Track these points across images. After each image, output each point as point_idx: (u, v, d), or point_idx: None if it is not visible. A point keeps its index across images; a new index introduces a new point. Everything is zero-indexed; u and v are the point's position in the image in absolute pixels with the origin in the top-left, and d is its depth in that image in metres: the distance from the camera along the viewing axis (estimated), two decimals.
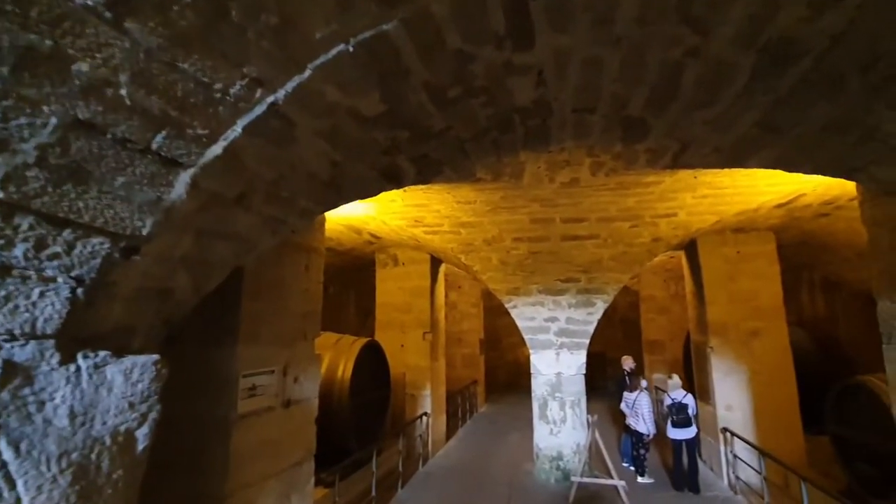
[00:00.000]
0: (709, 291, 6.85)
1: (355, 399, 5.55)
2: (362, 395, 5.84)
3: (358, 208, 5.31)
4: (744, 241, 6.83)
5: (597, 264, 6.08)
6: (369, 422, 5.99)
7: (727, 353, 6.69)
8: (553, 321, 6.59)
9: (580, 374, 6.65)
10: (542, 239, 5.87)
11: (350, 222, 6.20)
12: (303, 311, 3.93)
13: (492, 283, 6.54)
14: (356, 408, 5.57)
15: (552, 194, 4.87)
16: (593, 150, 3.68)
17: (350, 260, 8.67)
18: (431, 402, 7.77)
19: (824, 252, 7.05)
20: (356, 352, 5.61)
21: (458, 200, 5.12)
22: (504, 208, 5.31)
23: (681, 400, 6.34)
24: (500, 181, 4.36)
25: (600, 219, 5.42)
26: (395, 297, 8.14)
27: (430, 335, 7.92)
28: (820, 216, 5.71)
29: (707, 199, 4.93)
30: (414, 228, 5.88)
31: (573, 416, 6.55)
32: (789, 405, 6.38)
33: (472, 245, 6.11)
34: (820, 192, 4.83)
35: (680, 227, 5.42)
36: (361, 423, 5.73)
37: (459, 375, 12.26)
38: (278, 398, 3.52)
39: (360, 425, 5.66)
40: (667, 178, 4.42)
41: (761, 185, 4.54)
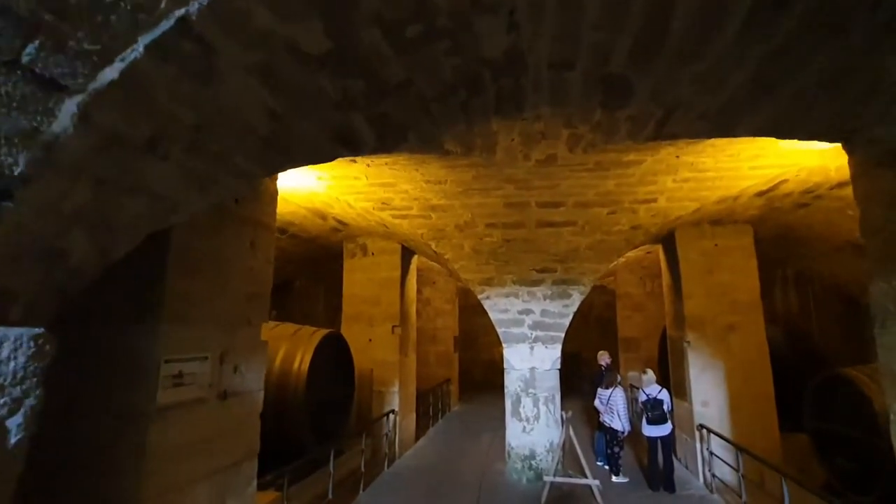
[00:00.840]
0: (686, 285, 6.67)
1: (313, 394, 5.12)
2: (322, 390, 5.41)
3: (317, 184, 4.89)
4: (722, 234, 6.68)
5: (573, 253, 5.81)
6: (330, 419, 5.56)
7: (704, 348, 6.52)
8: (527, 313, 6.30)
9: (555, 369, 6.37)
10: (517, 225, 5.56)
11: (313, 204, 5.77)
12: (247, 293, 3.50)
13: (464, 273, 6.20)
14: (314, 404, 5.14)
15: (527, 174, 4.56)
16: (571, 119, 3.38)
17: (317, 250, 8.21)
18: (400, 400, 7.37)
19: (800, 246, 6.97)
20: (315, 343, 5.18)
21: (428, 179, 4.76)
22: (476, 190, 4.97)
23: (656, 395, 6.12)
24: (471, 156, 4.03)
25: (577, 204, 5.14)
26: (364, 288, 7.72)
27: (400, 329, 7.53)
28: (799, 207, 5.57)
29: (688, 184, 4.70)
30: (381, 212, 5.49)
31: (547, 412, 6.26)
32: (765, 401, 6.23)
33: (443, 231, 5.76)
34: (802, 178, 4.66)
35: (659, 214, 5.19)
36: (320, 420, 5.30)
37: (433, 374, 11.89)
38: (212, 389, 3.08)
39: (318, 423, 5.23)
40: (648, 158, 4.17)
41: (744, 167, 4.34)
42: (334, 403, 5.72)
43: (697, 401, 6.43)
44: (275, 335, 5.34)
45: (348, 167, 4.42)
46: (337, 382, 5.82)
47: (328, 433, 5.45)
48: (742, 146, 3.87)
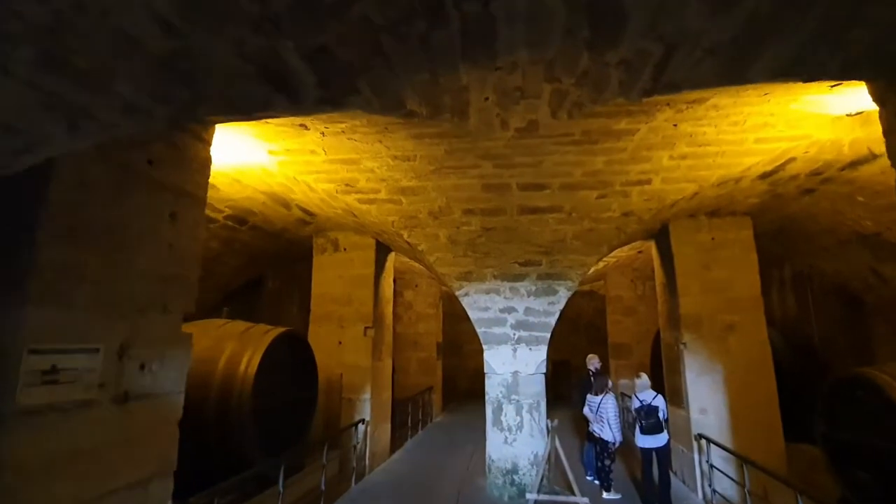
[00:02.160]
0: (681, 281, 6.16)
1: (263, 400, 4.48)
2: (276, 395, 4.77)
3: (269, 160, 4.31)
4: (719, 227, 6.20)
5: (559, 244, 5.27)
6: (286, 429, 4.91)
7: (701, 350, 5.99)
8: (510, 312, 5.73)
9: (540, 373, 5.79)
10: (497, 211, 5.02)
11: (271, 188, 5.17)
12: (162, 274, 2.89)
13: (440, 267, 5.63)
14: (264, 411, 4.50)
15: (506, 148, 4.03)
16: (553, 69, 2.85)
17: (285, 245, 7.59)
18: (372, 409, 6.72)
19: (801, 241, 6.51)
20: (266, 343, 4.55)
21: (395, 155, 4.21)
22: (451, 169, 4.43)
23: (650, 402, 5.56)
24: (440, 120, 3.47)
25: (564, 186, 4.62)
26: (334, 286, 7.10)
27: (373, 331, 6.91)
28: (804, 193, 5.10)
29: (686, 162, 4.20)
30: (346, 195, 4.92)
31: (531, 421, 5.66)
32: (769, 407, 5.71)
33: (415, 218, 5.19)
34: (811, 156, 4.19)
35: (654, 197, 4.68)
36: (272, 429, 4.65)
37: (414, 382, 11.24)
38: (105, 390, 2.46)
39: (269, 432, 4.58)
40: (641, 126, 3.66)
41: (749, 140, 3.85)
42: (292, 411, 5.07)
43: (695, 408, 5.89)
44: (221, 333, 4.71)
45: (300, 136, 3.85)
46: (296, 387, 5.18)
47: (283, 445, 4.80)
48: (749, 109, 3.38)
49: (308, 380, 5.42)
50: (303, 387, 5.32)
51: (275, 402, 4.76)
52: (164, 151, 2.96)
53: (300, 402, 5.25)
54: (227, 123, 3.40)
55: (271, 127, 3.62)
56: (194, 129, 3.17)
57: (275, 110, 2.89)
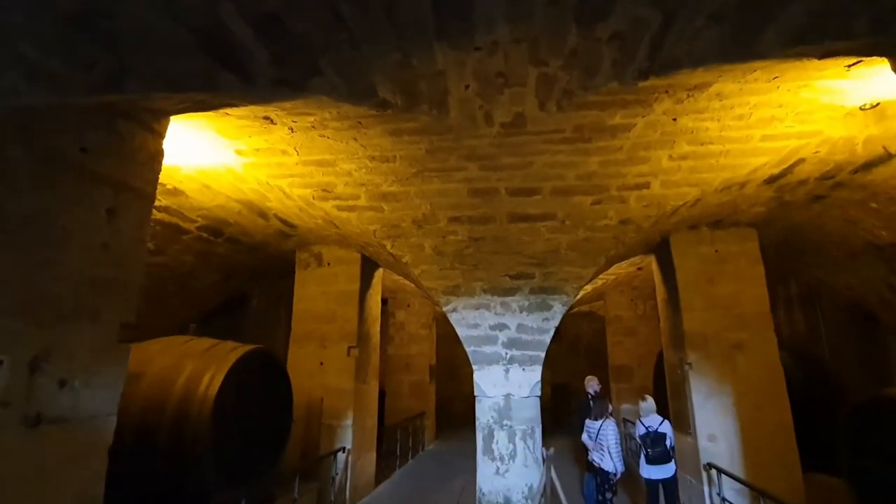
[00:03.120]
0: (684, 296, 5.79)
1: (225, 425, 4.04)
2: (241, 420, 4.32)
3: (237, 161, 3.99)
4: (722, 239, 5.87)
5: (553, 255, 4.92)
6: (252, 458, 4.44)
7: (708, 371, 5.56)
8: (501, 329, 5.33)
9: (534, 396, 5.34)
10: (486, 219, 4.68)
11: (244, 195, 4.85)
12: (94, 277, 2.52)
13: (426, 280, 5.26)
14: (226, 437, 4.05)
15: (492, 147, 3.73)
16: (538, 49, 2.56)
17: (267, 261, 7.23)
18: (355, 435, 6.23)
19: (810, 254, 6.16)
20: (231, 362, 4.14)
21: (372, 155, 3.90)
22: (434, 172, 4.11)
23: (657, 428, 5.11)
24: (418, 112, 3.18)
25: (556, 191, 4.30)
26: (317, 303, 6.71)
27: (357, 350, 6.48)
28: (814, 200, 4.79)
29: (687, 163, 3.89)
30: (323, 202, 4.59)
31: (525, 449, 5.19)
32: (783, 434, 5.25)
33: (398, 227, 4.85)
34: (822, 157, 3.88)
35: (653, 203, 4.36)
36: (236, 458, 4.19)
37: (406, 406, 10.69)
38: (10, 409, 2.07)
39: (232, 461, 4.12)
40: (638, 121, 3.36)
41: (755, 137, 3.55)
42: (261, 438, 4.61)
43: (703, 434, 5.42)
44: (183, 351, 4.30)
45: (268, 132, 3.54)
46: (266, 411, 4.73)
47: (249, 476, 4.32)
48: (756, 100, 3.08)
49: (281, 403, 4.97)
50: (275, 411, 4.87)
51: (240, 428, 4.31)
52: (102, 139, 2.64)
53: (271, 427, 4.78)
54: (182, 115, 3.09)
55: (233, 121, 3.31)
56: (141, 118, 2.85)
57: (224, 92, 2.58)
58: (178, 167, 4.19)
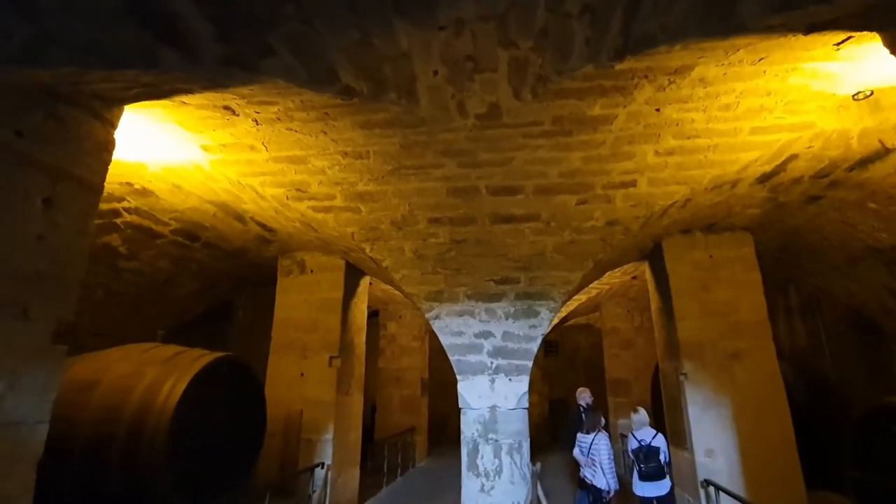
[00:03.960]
0: (678, 303, 5.56)
1: (187, 438, 3.78)
2: (206, 433, 4.07)
3: (203, 157, 3.81)
4: (717, 244, 5.67)
5: (539, 258, 4.71)
6: (218, 474, 4.17)
7: (704, 382, 5.30)
8: (486, 337, 5.09)
9: (521, 407, 5.07)
10: (467, 220, 4.49)
11: (217, 196, 4.67)
12: (24, 270, 2.31)
13: (408, 286, 5.04)
14: (188, 451, 3.79)
15: (469, 142, 3.55)
16: (507, 26, 2.40)
17: (249, 268, 7.02)
18: (335, 450, 5.93)
19: (808, 259, 5.95)
20: (196, 370, 3.90)
21: (345, 151, 3.72)
22: (410, 169, 3.94)
23: (650, 442, 4.83)
24: (385, 102, 3.01)
25: (539, 189, 4.11)
26: (299, 311, 6.49)
27: (339, 361, 6.23)
28: (809, 201, 4.60)
29: (674, 159, 3.71)
30: (298, 203, 4.41)
31: (511, 465, 4.90)
32: (785, 448, 4.96)
33: (377, 230, 4.66)
34: (815, 152, 3.70)
35: (641, 203, 4.17)
36: (199, 475, 3.92)
37: (396, 422, 10.36)
38: None
39: (194, 478, 3.85)
40: (619, 111, 3.18)
41: (744, 130, 3.37)
42: (229, 453, 4.35)
43: (700, 449, 5.13)
44: (144, 359, 4.07)
45: (232, 125, 3.37)
46: (236, 424, 4.47)
47: (213, 493, 4.05)
48: (742, 87, 2.91)
49: (253, 415, 4.71)
50: (246, 423, 4.61)
51: (205, 441, 4.05)
52: (41, 124, 2.46)
53: (242, 441, 4.52)
54: (137, 105, 2.93)
55: (192, 111, 3.15)
56: (88, 104, 2.68)
57: (168, 71, 2.39)
58: (143, 164, 4.02)
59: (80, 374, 3.89)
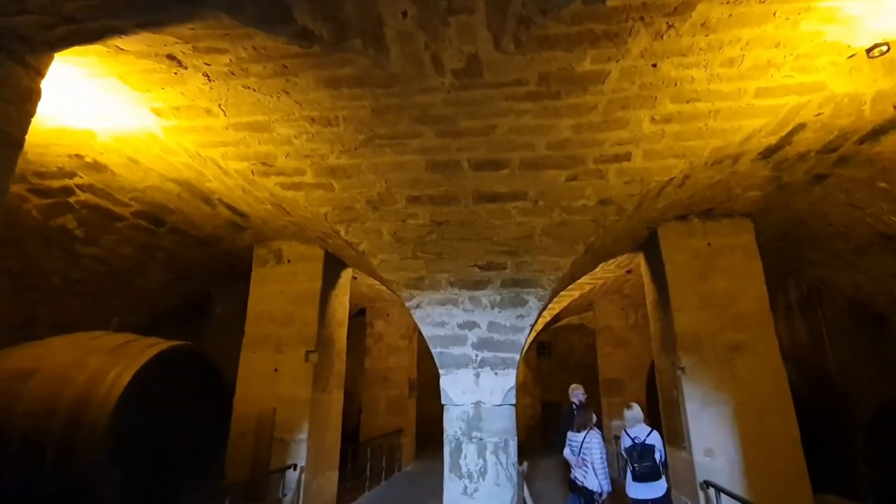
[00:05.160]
0: (675, 294, 5.24)
1: (134, 434, 3.40)
2: (158, 429, 3.68)
3: (156, 123, 3.45)
4: (715, 231, 5.36)
5: (526, 241, 4.38)
6: (174, 476, 3.78)
7: (703, 377, 4.97)
8: (471, 328, 4.74)
9: (508, 404, 4.72)
10: (449, 199, 4.15)
11: (179, 173, 4.31)
12: None
13: (386, 272, 4.69)
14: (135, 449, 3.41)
15: (447, 105, 3.23)
16: None
17: (225, 258, 6.64)
18: (309, 452, 5.54)
19: (811, 248, 5.65)
20: (145, 359, 3.52)
21: (311, 116, 3.38)
22: (385, 139, 3.60)
23: (644, 439, 4.49)
24: (350, 51, 2.68)
25: (526, 163, 3.78)
26: (274, 304, 6.11)
27: (316, 356, 5.85)
28: (815, 180, 4.30)
29: (671, 127, 3.40)
30: (264, 179, 4.06)
31: (497, 465, 4.54)
32: (790, 448, 4.63)
33: (352, 210, 4.31)
34: (824, 121, 3.41)
35: (635, 179, 3.85)
36: (150, 476, 3.54)
37: (383, 424, 9.95)
38: None
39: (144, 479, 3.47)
40: (612, 68, 2.86)
41: (749, 91, 3.06)
42: (188, 452, 3.96)
43: (699, 448, 4.79)
44: (90, 347, 3.69)
45: (181, 81, 3.01)
46: (196, 421, 4.09)
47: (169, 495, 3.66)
48: (748, 35, 2.60)
49: (216, 411, 4.33)
50: (207, 421, 4.22)
51: (157, 439, 3.67)
52: None
53: (201, 440, 4.13)
54: (68, 52, 2.58)
55: (132, 60, 2.79)
56: (9, 46, 2.33)
57: None
58: (91, 132, 3.66)
59: (15, 362, 3.51)
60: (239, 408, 5.67)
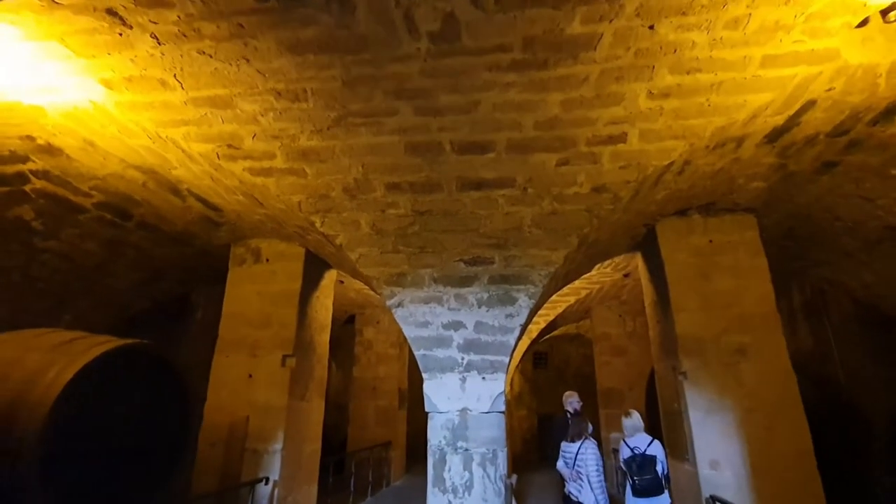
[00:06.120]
0: (675, 293, 4.93)
1: (78, 441, 3.04)
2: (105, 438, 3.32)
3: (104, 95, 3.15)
4: (717, 227, 5.07)
5: (515, 233, 4.07)
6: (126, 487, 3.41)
7: (706, 382, 4.63)
8: (457, 328, 4.40)
9: (497, 411, 4.35)
10: (431, 187, 3.85)
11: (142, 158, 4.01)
12: None
13: (365, 267, 4.36)
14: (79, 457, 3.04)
15: (425, 76, 2.94)
16: None
17: (202, 258, 6.31)
18: (284, 464, 5.14)
19: (817, 246, 5.36)
20: (90, 357, 3.17)
21: (276, 88, 3.08)
22: (359, 118, 3.30)
23: (644, 450, 4.14)
24: (311, 7, 2.41)
25: (513, 146, 3.49)
26: (251, 305, 5.76)
27: (294, 360, 5.48)
28: (823, 168, 4.02)
29: (670, 102, 3.12)
30: (232, 163, 3.75)
31: (484, 478, 4.15)
32: (802, 460, 4.27)
33: (328, 198, 4.01)
34: (835, 98, 3.14)
35: (631, 163, 3.56)
36: (95, 487, 3.16)
37: (371, 436, 9.51)
38: None
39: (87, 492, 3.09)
40: (604, 30, 2.59)
41: (754, 60, 2.79)
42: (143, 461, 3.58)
43: (703, 460, 4.43)
44: (31, 344, 3.34)
45: (128, 44, 2.72)
46: (153, 428, 3.72)
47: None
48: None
49: (176, 417, 3.96)
50: (166, 427, 3.85)
51: (104, 447, 3.30)
52: None
53: (158, 448, 3.76)
54: None
55: (70, 18, 2.50)
56: None
57: None
58: (40, 108, 3.36)
59: None
60: (210, 417, 5.30)
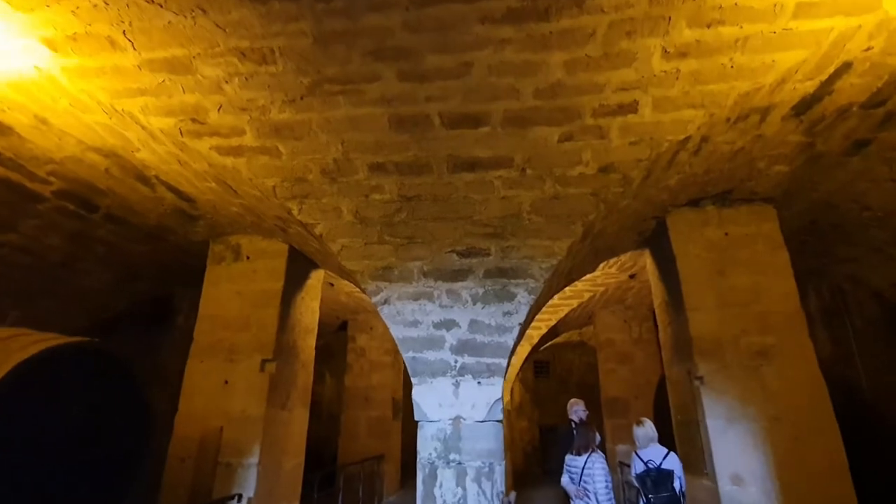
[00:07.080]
0: (689, 291, 4.51)
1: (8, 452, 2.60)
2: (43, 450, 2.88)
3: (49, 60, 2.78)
4: (733, 219, 4.68)
5: (513, 221, 3.67)
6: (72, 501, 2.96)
7: (725, 387, 4.20)
8: (449, 327, 3.98)
9: (494, 420, 3.90)
10: (419, 167, 3.46)
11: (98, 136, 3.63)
12: None
13: (348, 260, 3.95)
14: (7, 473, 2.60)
15: (408, 31, 2.57)
16: None
17: (175, 254, 5.90)
18: (260, 479, 4.67)
19: (842, 240, 4.95)
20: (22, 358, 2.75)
21: (239, 47, 2.70)
22: (336, 84, 2.92)
23: (660, 463, 3.68)
24: None
25: (510, 118, 3.11)
26: (229, 306, 5.34)
27: (274, 365, 5.04)
28: (854, 148, 3.63)
29: (687, 64, 2.74)
30: (197, 141, 3.37)
31: (479, 496, 3.70)
32: (836, 474, 3.82)
33: (305, 182, 3.61)
34: (873, 59, 2.76)
35: (643, 139, 3.17)
36: None
37: (363, 448, 8.99)
38: None
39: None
40: None
41: (788, 7, 2.41)
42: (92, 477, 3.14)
43: (724, 475, 3.98)
44: None
45: None
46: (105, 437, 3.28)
47: None
48: None
49: (128, 426, 3.52)
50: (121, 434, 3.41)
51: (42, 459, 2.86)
52: None
53: (111, 462, 3.32)
54: None
55: None
56: None
57: None
58: None
59: None
60: (181, 428, 4.85)
